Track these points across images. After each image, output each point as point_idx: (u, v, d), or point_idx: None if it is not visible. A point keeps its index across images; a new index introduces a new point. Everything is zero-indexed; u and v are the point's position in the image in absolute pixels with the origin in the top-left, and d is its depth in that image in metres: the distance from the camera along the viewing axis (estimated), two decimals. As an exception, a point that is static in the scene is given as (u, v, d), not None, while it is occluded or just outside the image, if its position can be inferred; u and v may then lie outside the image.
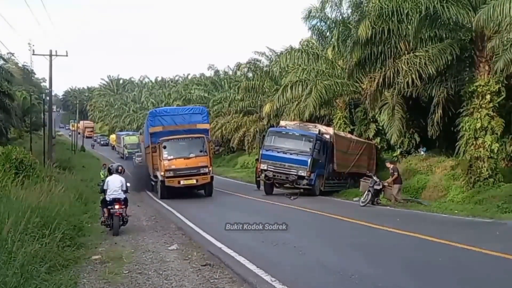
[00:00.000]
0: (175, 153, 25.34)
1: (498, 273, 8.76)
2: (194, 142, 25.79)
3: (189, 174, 25.26)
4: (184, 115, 27.33)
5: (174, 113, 28.42)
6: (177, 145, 25.59)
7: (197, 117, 27.23)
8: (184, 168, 25.21)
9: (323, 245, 11.96)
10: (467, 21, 20.07)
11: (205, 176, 25.48)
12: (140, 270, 9.61)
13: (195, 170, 25.27)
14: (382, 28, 22.04)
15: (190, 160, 25.29)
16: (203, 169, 25.36)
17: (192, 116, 27.26)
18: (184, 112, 28.06)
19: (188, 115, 27.30)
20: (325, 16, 31.65)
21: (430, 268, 9.15)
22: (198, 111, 28.09)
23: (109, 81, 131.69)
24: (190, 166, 25.24)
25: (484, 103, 20.08)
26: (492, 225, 14.21)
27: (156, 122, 27.28)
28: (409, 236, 12.66)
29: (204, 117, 27.61)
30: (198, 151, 25.59)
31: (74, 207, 16.18)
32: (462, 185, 21.56)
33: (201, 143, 25.75)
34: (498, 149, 20.54)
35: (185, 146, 25.66)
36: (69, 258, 10.13)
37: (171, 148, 25.41)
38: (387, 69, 22.67)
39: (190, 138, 25.82)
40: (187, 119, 26.98)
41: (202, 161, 25.41)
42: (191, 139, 25.82)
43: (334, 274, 8.89)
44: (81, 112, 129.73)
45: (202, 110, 28.30)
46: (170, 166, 25.12)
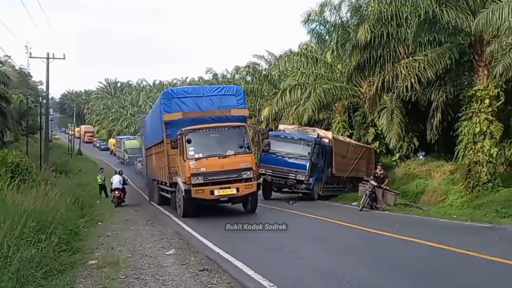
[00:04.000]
0: (206, 150, 18.07)
1: (497, 278, 8.65)
2: (232, 134, 18.62)
3: (226, 180, 17.78)
4: (212, 97, 20.10)
5: (198, 93, 20.46)
6: (207, 138, 18.48)
7: (231, 100, 20.12)
8: (219, 172, 17.73)
9: (322, 250, 11.83)
10: (466, 25, 20.11)
11: (249, 184, 17.98)
12: (137, 275, 9.46)
13: (235, 174, 17.86)
14: (381, 32, 22.07)
15: (228, 159, 17.93)
16: (246, 172, 17.93)
17: (224, 98, 20.14)
18: (211, 92, 20.34)
19: (218, 97, 20.14)
20: (324, 20, 31.71)
21: (429, 273, 9.05)
22: (232, 91, 20.56)
23: (107, 84, 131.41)
24: (227, 168, 17.81)
25: (483, 108, 20.07)
26: (491, 230, 14.12)
27: (173, 107, 19.80)
28: (407, 241, 12.54)
29: (240, 100, 20.30)
30: (237, 146, 18.33)
31: (70, 211, 15.95)
32: (461, 189, 21.55)
33: (242, 135, 18.50)
34: (497, 154, 20.54)
35: (220, 139, 18.59)
36: (65, 263, 9.94)
37: (199, 142, 18.22)
38: (386, 73, 22.67)
39: (227, 127, 18.65)
40: (216, 103, 19.97)
41: (245, 161, 18.00)
42: (228, 130, 18.60)
43: (332, 279, 8.76)
44: (78, 115, 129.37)
45: (237, 90, 20.66)
46: (198, 168, 17.67)
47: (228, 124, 18.81)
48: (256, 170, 18.62)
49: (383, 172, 21.48)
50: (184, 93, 20.52)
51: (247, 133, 18.73)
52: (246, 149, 18.33)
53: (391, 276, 9.10)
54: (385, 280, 8.83)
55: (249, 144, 18.50)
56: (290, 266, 10.08)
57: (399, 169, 28.35)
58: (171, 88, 21.06)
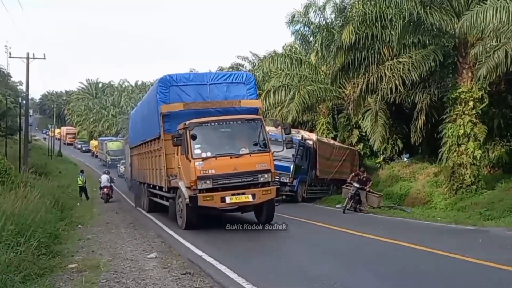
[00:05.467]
0: (215, 148, 15.00)
1: (481, 281, 8.63)
2: (247, 129, 15.74)
3: (240, 184, 14.76)
4: (217, 86, 17.13)
5: (201, 81, 17.27)
6: (217, 133, 15.52)
7: (240, 89, 17.23)
8: (231, 175, 14.58)
9: (305, 253, 11.74)
10: (450, 28, 20.18)
11: (267, 189, 14.93)
12: (118, 279, 9.31)
13: (250, 177, 14.83)
14: (365, 33, 22.04)
15: (242, 160, 14.88)
16: (263, 175, 14.88)
17: (231, 87, 17.21)
18: (217, 80, 17.27)
19: (224, 86, 17.19)
20: (308, 21, 31.72)
21: (412, 276, 9.01)
22: (241, 78, 17.54)
23: (88, 84, 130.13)
24: (241, 170, 14.71)
25: (467, 110, 20.14)
26: (474, 232, 14.15)
27: (172, 96, 16.75)
28: (391, 243, 12.51)
29: (251, 89, 17.37)
30: (253, 144, 15.43)
31: (50, 214, 15.75)
32: (445, 192, 21.61)
33: (257, 129, 15.56)
34: (481, 156, 20.62)
35: (232, 135, 15.63)
36: (44, 267, 9.79)
37: (207, 138, 15.20)
38: (371, 75, 22.71)
39: (240, 121, 15.57)
40: (222, 92, 17.05)
41: (262, 162, 14.96)
42: (241, 123, 15.56)
43: (316, 282, 8.67)
44: (59, 116, 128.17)
45: (247, 78, 17.67)
46: (206, 170, 14.56)
47: (241, 117, 15.66)
48: (275, 173, 15.65)
49: (366, 175, 21.47)
50: (185, 80, 17.12)
51: (264, 127, 15.72)
52: (263, 147, 15.33)
53: (375, 278, 9.04)
54: (369, 282, 8.81)
55: (266, 140, 15.44)
56: (273, 269, 10.00)
57: (383, 171, 28.39)
58: (169, 74, 17.15)
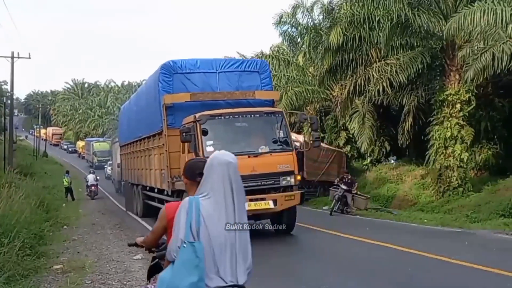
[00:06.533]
0: (230, 145, 12.52)
1: (467, 283, 8.61)
2: (266, 123, 13.86)
3: (259, 188, 12.84)
4: (228, 74, 15.12)
5: (210, 68, 15.15)
6: (232, 128, 13.54)
7: (253, 78, 15.27)
8: (249, 177, 12.10)
9: (291, 255, 11.66)
10: (438, 30, 20.27)
11: (290, 194, 13.25)
12: (103, 280, 9.24)
13: (271, 180, 13.08)
14: (353, 35, 22.11)
15: (261, 159, 13.01)
16: (286, 178, 13.19)
17: (244, 76, 15.25)
18: (227, 68, 15.24)
19: (236, 75, 15.18)
20: (296, 22, 31.66)
21: (399, 278, 8.97)
22: (255, 66, 15.54)
23: (74, 84, 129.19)
24: (261, 171, 12.82)
25: (454, 112, 20.18)
26: (461, 234, 14.13)
27: (177, 85, 14.72)
28: (378, 245, 12.47)
29: (266, 78, 15.41)
30: (273, 141, 13.56)
31: (35, 214, 15.61)
32: (431, 194, 21.68)
33: (279, 124, 13.58)
34: (468, 159, 20.67)
35: (249, 130, 13.73)
36: (29, 268, 9.72)
37: (220, 134, 13.47)
38: (358, 77, 22.75)
39: (258, 114, 13.64)
40: (234, 82, 15.10)
41: (284, 162, 13.21)
42: (260, 117, 13.67)
43: (304, 284, 8.69)
44: (44, 116, 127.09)
45: (261, 66, 15.65)
46: None
47: (260, 109, 13.78)
48: (298, 175, 13.88)
49: (351, 177, 21.47)
50: (191, 67, 15.02)
51: (286, 122, 13.81)
52: (285, 145, 13.48)
53: (361, 280, 9.02)
54: (355, 284, 8.79)
55: (288, 137, 13.62)
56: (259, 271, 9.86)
57: (371, 174, 28.42)
58: (173, 59, 14.95)
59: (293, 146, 13.77)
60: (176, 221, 3.45)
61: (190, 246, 3.32)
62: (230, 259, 3.44)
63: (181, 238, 3.35)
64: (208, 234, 3.38)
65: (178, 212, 3.46)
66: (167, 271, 3.45)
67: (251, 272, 3.55)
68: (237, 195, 3.48)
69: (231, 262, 3.44)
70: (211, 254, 3.36)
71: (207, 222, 3.39)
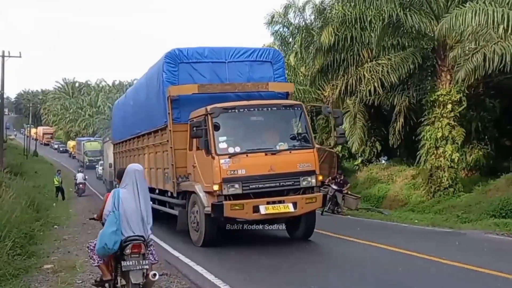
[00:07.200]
0: (245, 141, 11.99)
1: (457, 283, 8.61)
2: (283, 117, 12.80)
3: (278, 190, 11.74)
4: (238, 64, 13.99)
5: (219, 58, 13.97)
6: (247, 122, 12.39)
7: (265, 69, 14.09)
8: (267, 177, 11.58)
9: (280, 255, 11.52)
10: (429, 30, 20.30)
11: (311, 196, 11.95)
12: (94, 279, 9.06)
13: (291, 180, 11.82)
14: (345, 35, 22.16)
15: (280, 157, 11.87)
16: (307, 178, 11.90)
17: (255, 67, 14.08)
18: (237, 57, 14.06)
19: (247, 65, 14.03)
20: (288, 22, 31.65)
21: (390, 279, 8.95)
22: (267, 56, 14.27)
23: (65, 84, 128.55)
24: (279, 171, 11.69)
25: (445, 113, 20.22)
26: (451, 235, 14.14)
27: (183, 76, 13.50)
28: (369, 245, 12.43)
29: (279, 69, 14.24)
30: (292, 137, 12.59)
31: (25, 214, 15.58)
32: (422, 194, 21.71)
33: (298, 119, 12.63)
34: (459, 159, 20.71)
35: (266, 125, 12.58)
36: (19, 267, 9.72)
37: (235, 129, 12.37)
38: (350, 77, 22.78)
39: (275, 107, 12.55)
40: (244, 73, 13.94)
41: (305, 161, 11.96)
42: (277, 110, 12.56)
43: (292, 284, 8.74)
44: (35, 115, 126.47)
45: (274, 56, 14.42)
46: (234, 171, 11.48)
47: (278, 102, 12.80)
48: (320, 175, 12.42)
49: (343, 178, 21.45)
50: (198, 56, 13.78)
51: (306, 116, 12.66)
52: (306, 141, 12.40)
53: (352, 281, 9.01)
54: (345, 284, 8.78)
55: (309, 133, 12.47)
56: (251, 270, 9.96)
57: (362, 174, 28.42)
58: (179, 48, 13.86)
59: (314, 143, 12.59)
60: (107, 201, 6.69)
61: (112, 213, 6.48)
62: (137, 221, 6.55)
63: (109, 210, 6.55)
64: (124, 207, 6.49)
65: (109, 197, 6.71)
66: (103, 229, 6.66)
67: (152, 228, 6.76)
68: (140, 187, 6.64)
69: (137, 223, 6.56)
70: (125, 218, 6.49)
71: (123, 201, 6.50)
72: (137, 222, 6.50)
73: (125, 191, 6.59)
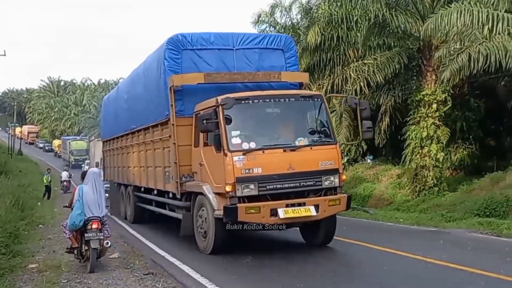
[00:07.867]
0: (261, 136, 10.92)
1: (442, 281, 8.68)
2: (302, 110, 11.65)
3: (298, 190, 10.67)
4: (247, 52, 12.85)
5: (226, 44, 12.81)
6: (262, 114, 11.20)
7: (277, 57, 13.01)
8: (285, 176, 10.49)
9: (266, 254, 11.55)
10: (415, 30, 20.40)
11: (334, 198, 10.87)
12: (80, 279, 9.26)
13: (312, 180, 10.72)
14: (331, 34, 22.26)
15: (299, 154, 10.73)
16: (329, 178, 10.83)
17: (265, 54, 12.96)
18: (246, 44, 12.92)
19: (256, 53, 12.89)
20: (274, 21, 31.55)
21: (374, 277, 9.01)
22: (278, 43, 13.14)
23: (50, 82, 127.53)
24: (299, 170, 10.56)
25: (431, 112, 20.32)
26: (436, 233, 14.24)
27: (186, 64, 12.33)
28: (354, 244, 12.51)
29: (292, 57, 13.16)
30: (311, 131, 11.40)
31: (10, 213, 15.58)
32: (407, 193, 21.79)
33: (318, 111, 11.39)
34: (444, 158, 20.81)
35: (282, 118, 11.46)
36: (4, 267, 9.78)
37: (249, 122, 11.20)
38: (336, 77, 22.92)
39: (293, 98, 11.44)
40: (254, 61, 12.81)
41: (327, 158, 10.87)
42: (294, 102, 11.42)
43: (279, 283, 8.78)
44: (19, 114, 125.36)
45: (286, 43, 13.22)
46: (249, 169, 10.29)
47: (296, 92, 11.74)
48: (344, 174, 11.49)
49: None
50: (204, 42, 12.57)
51: (327, 108, 11.52)
52: (327, 136, 11.27)
53: (336, 279, 9.05)
54: (330, 283, 8.80)
55: (330, 127, 11.36)
56: (237, 269, 10.01)
57: (347, 173, 28.36)
58: (182, 33, 12.59)
59: (336, 138, 11.48)
60: (75, 193, 10.20)
61: (78, 201, 9.89)
62: (95, 206, 9.91)
63: (76, 199, 9.99)
64: (86, 197, 9.87)
65: (76, 190, 10.26)
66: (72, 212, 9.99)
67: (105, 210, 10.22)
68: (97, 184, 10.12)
69: (95, 207, 9.91)
70: (87, 205, 9.83)
71: (85, 193, 9.92)
72: (95, 207, 9.89)
73: (87, 186, 10.05)
